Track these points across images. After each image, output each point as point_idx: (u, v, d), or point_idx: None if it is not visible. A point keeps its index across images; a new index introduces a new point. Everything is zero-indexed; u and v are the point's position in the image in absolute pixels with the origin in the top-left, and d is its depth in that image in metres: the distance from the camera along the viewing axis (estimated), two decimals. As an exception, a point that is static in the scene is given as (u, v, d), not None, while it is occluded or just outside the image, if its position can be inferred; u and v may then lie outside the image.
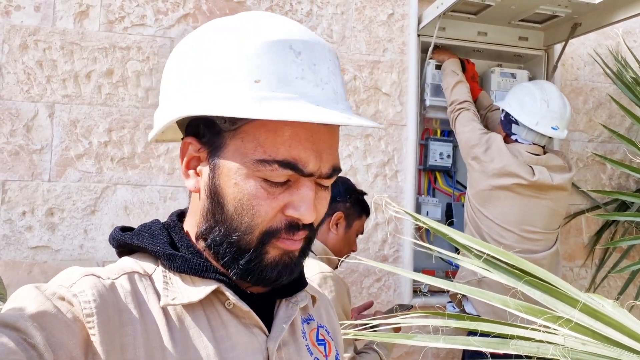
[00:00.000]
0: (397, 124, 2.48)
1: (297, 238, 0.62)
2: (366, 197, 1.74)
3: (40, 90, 2.13)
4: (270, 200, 0.60)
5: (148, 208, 2.21)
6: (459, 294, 2.17)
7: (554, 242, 2.15)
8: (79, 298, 0.55)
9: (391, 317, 0.87)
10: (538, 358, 0.74)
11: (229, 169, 0.61)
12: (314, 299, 0.76)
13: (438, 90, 2.43)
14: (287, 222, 0.61)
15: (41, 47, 2.13)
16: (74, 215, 2.14)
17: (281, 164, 0.59)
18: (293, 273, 0.65)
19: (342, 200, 1.67)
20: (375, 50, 2.46)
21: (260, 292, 0.68)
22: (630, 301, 0.87)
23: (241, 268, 0.62)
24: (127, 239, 0.66)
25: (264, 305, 0.67)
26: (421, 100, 2.51)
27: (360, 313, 1.86)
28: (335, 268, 1.65)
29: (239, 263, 0.62)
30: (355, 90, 2.43)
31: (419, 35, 2.47)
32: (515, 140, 2.13)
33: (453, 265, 2.50)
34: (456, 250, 1.23)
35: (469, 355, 2.17)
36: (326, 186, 0.65)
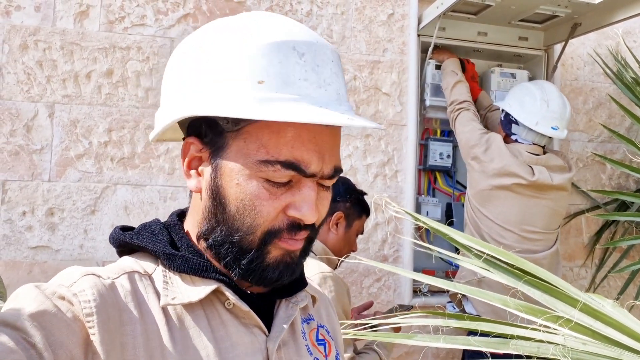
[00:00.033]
0: (397, 124, 2.48)
1: (299, 238, 0.62)
2: (366, 197, 1.74)
3: (40, 90, 2.13)
4: (272, 201, 0.60)
5: (148, 208, 2.21)
6: (459, 293, 2.16)
7: (554, 242, 2.15)
8: (79, 297, 0.55)
9: (391, 317, 0.87)
10: (538, 358, 0.74)
11: (231, 170, 0.61)
12: (314, 299, 0.76)
13: (438, 90, 2.43)
14: (289, 223, 0.61)
15: (41, 47, 2.13)
16: (74, 215, 2.14)
17: (284, 165, 0.59)
18: (294, 273, 0.65)
19: (342, 200, 1.66)
20: (375, 50, 2.46)
21: (260, 292, 0.68)
22: (630, 301, 0.87)
23: (243, 268, 0.62)
24: (128, 239, 0.66)
25: (264, 305, 0.67)
26: (421, 100, 2.51)
27: (360, 313, 1.86)
28: (335, 268, 1.65)
29: (240, 263, 0.62)
30: (355, 90, 2.43)
31: (419, 35, 2.47)
32: (515, 140, 2.13)
33: (453, 265, 2.50)
34: (456, 250, 1.23)
35: (469, 355, 2.17)
36: (328, 186, 0.65)
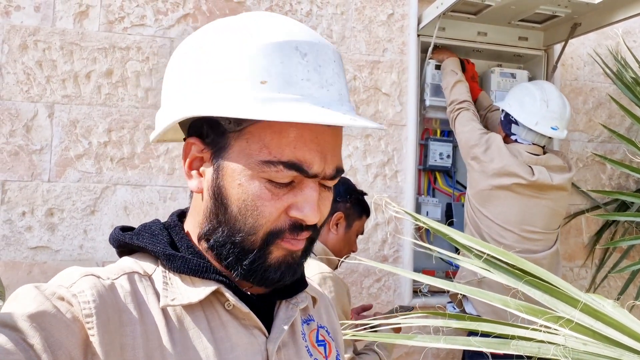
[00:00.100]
0: (397, 124, 2.47)
1: (301, 238, 0.62)
2: (366, 198, 1.74)
3: (39, 90, 2.13)
4: (274, 201, 0.60)
5: (148, 208, 2.21)
6: (459, 294, 2.16)
7: (554, 242, 2.15)
8: (78, 298, 0.55)
9: (391, 318, 0.86)
10: (539, 358, 0.74)
11: (233, 170, 0.60)
12: (315, 300, 0.76)
13: (438, 90, 2.43)
14: (291, 223, 0.61)
15: (41, 48, 2.13)
16: (74, 215, 2.14)
17: (286, 165, 0.59)
18: (296, 273, 0.65)
19: (343, 200, 1.66)
20: (375, 50, 2.46)
21: (260, 293, 0.68)
22: (630, 301, 0.87)
23: (244, 268, 0.62)
24: (127, 239, 0.66)
25: (264, 307, 0.67)
26: (421, 100, 2.51)
27: (359, 314, 1.86)
28: (335, 268, 1.64)
29: (242, 263, 0.62)
30: (355, 91, 2.43)
31: (418, 35, 2.47)
32: (515, 140, 2.13)
33: (453, 265, 2.50)
34: (456, 250, 1.23)
35: (469, 356, 2.17)
36: (329, 187, 0.65)
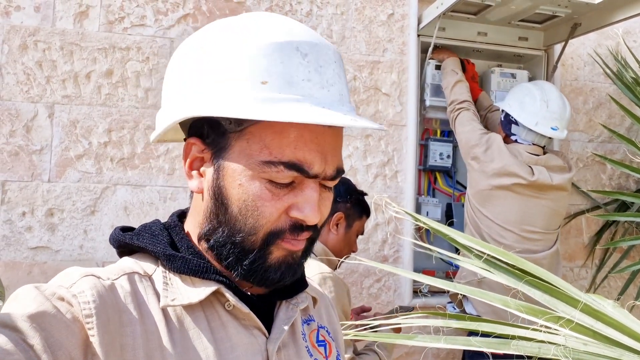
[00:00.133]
0: (397, 124, 2.47)
1: (301, 238, 0.62)
2: (366, 198, 1.74)
3: (39, 90, 2.13)
4: (274, 202, 0.60)
5: (148, 208, 2.21)
6: (460, 294, 2.16)
7: (554, 242, 2.15)
8: (78, 298, 0.55)
9: (392, 318, 0.86)
10: (539, 358, 0.74)
11: (233, 170, 0.60)
12: (315, 300, 0.76)
13: (438, 90, 2.43)
14: (292, 223, 0.61)
15: (41, 48, 2.13)
16: (74, 215, 2.14)
17: (287, 166, 0.59)
18: (296, 274, 0.65)
19: (343, 200, 1.66)
20: (375, 50, 2.46)
21: (261, 294, 0.68)
22: (630, 301, 0.87)
23: (245, 269, 0.62)
24: (128, 239, 0.66)
25: (264, 307, 0.67)
26: (421, 100, 2.51)
27: (359, 314, 1.86)
28: (335, 269, 1.64)
29: (242, 264, 0.62)
30: (355, 91, 2.43)
31: (419, 35, 2.47)
32: (515, 140, 2.13)
33: (453, 265, 2.50)
34: (456, 250, 1.23)
35: (469, 356, 2.17)
36: (330, 187, 0.65)
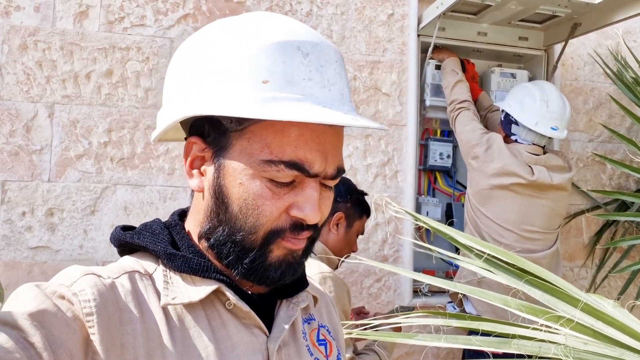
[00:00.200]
0: (397, 124, 2.47)
1: (302, 237, 0.62)
2: (366, 198, 1.74)
3: (39, 90, 2.13)
4: (275, 201, 0.60)
5: (148, 208, 2.21)
6: (460, 293, 2.16)
7: (554, 242, 2.15)
8: (79, 297, 0.55)
9: (392, 317, 0.86)
10: (540, 357, 0.74)
11: (234, 169, 0.60)
12: (316, 299, 0.76)
13: (438, 90, 2.43)
14: (292, 222, 0.61)
15: (41, 48, 2.13)
16: (74, 215, 2.14)
17: (287, 165, 0.59)
18: (296, 272, 0.65)
19: (343, 200, 1.66)
20: (375, 50, 2.46)
21: (261, 293, 0.68)
22: (630, 301, 0.87)
23: (245, 267, 0.62)
24: (128, 238, 0.66)
25: (264, 306, 0.67)
26: (421, 100, 2.51)
27: (358, 314, 1.86)
28: (335, 268, 1.64)
29: (242, 262, 0.62)
30: (355, 91, 2.43)
31: (419, 35, 2.47)
32: (515, 140, 2.14)
33: (453, 265, 2.50)
34: (456, 250, 1.23)
35: (469, 355, 2.17)
36: (330, 187, 0.65)
